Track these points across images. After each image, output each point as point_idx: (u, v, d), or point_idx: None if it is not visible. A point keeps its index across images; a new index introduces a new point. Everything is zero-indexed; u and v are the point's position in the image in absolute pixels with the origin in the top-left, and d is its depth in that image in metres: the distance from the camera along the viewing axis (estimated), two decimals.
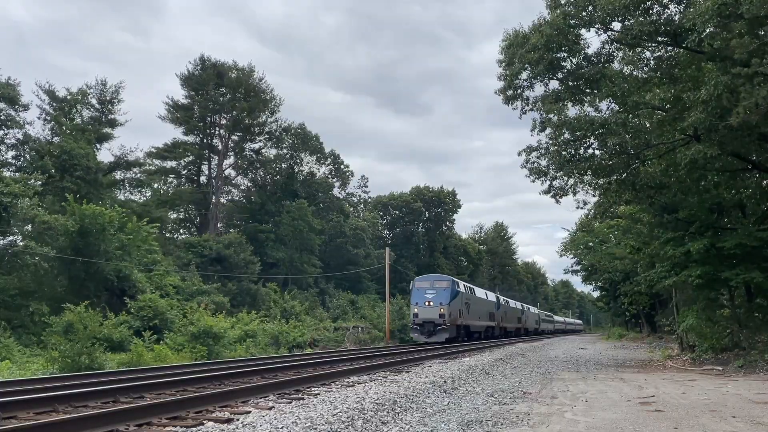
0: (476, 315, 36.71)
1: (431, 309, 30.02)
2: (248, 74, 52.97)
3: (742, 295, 19.78)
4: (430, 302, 30.25)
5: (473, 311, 35.52)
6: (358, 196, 73.29)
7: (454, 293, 31.27)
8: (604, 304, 64.18)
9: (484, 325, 39.70)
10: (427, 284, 31.61)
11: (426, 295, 30.78)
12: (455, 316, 30.95)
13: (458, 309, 31.63)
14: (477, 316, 36.91)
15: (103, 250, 28.15)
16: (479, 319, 37.75)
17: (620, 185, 17.87)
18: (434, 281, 31.92)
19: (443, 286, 31.23)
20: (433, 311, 29.95)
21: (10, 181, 25.44)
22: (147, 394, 9.22)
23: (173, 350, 20.62)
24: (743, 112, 12.75)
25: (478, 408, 8.64)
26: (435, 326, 29.54)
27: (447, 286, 31.15)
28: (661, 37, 15.71)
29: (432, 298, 30.39)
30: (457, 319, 31.18)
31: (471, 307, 34.78)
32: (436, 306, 30.06)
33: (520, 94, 17.48)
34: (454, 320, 30.55)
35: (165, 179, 53.22)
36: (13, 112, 33.35)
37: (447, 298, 30.42)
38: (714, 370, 15.66)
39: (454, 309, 30.76)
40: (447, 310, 29.77)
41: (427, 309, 30.10)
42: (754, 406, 8.82)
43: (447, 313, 29.68)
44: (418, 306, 30.59)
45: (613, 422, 7.44)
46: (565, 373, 15.42)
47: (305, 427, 6.58)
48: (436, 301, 30.21)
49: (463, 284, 35.50)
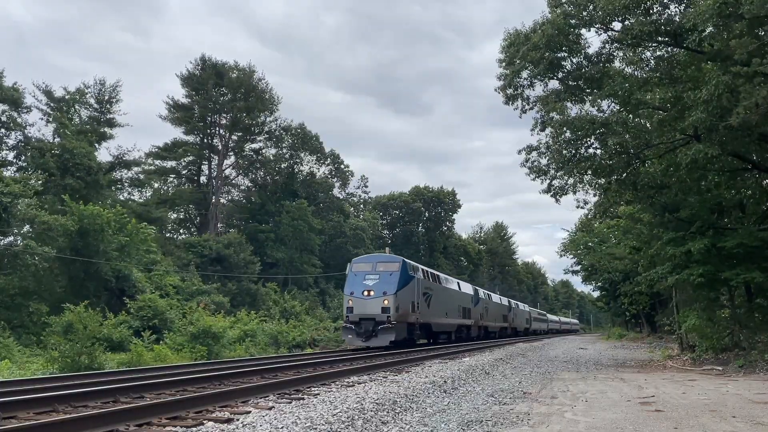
0: (442, 310, 28.98)
1: (371, 301, 22.59)
2: (249, 74, 53.02)
3: (742, 295, 19.78)
4: (370, 291, 22.82)
5: (437, 305, 27.96)
6: (358, 196, 73.40)
7: (405, 279, 23.68)
8: (604, 304, 64.16)
9: (455, 324, 31.79)
10: (367, 267, 24.19)
11: (365, 281, 23.28)
12: (406, 311, 23.49)
13: (412, 301, 24.11)
14: (443, 312, 29.24)
15: (102, 250, 28.17)
16: (447, 315, 29.91)
17: (620, 185, 17.87)
18: (377, 263, 24.28)
19: (390, 269, 23.69)
20: (373, 304, 22.50)
21: (10, 181, 25.48)
22: (147, 394, 9.21)
23: (173, 350, 20.62)
24: (743, 112, 12.75)
25: (478, 408, 8.63)
26: (376, 324, 22.08)
27: (395, 270, 23.54)
28: (661, 37, 15.71)
29: (373, 286, 22.92)
30: (409, 315, 23.75)
31: (434, 300, 27.25)
32: (378, 296, 22.55)
33: (520, 93, 17.50)
34: (404, 316, 23.21)
35: (165, 179, 53.28)
36: (15, 114, 33.53)
37: (394, 285, 22.83)
38: (714, 370, 15.65)
39: (404, 301, 23.33)
40: (394, 302, 22.33)
41: (366, 301, 22.71)
42: (754, 406, 8.81)
43: (394, 306, 22.26)
44: (353, 297, 23.10)
45: (613, 422, 7.44)
46: (565, 373, 15.42)
47: (305, 427, 6.58)
48: (378, 290, 22.73)
49: (423, 269, 27.67)
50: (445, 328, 30.29)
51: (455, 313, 31.73)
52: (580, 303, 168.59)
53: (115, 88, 41.72)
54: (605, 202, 19.11)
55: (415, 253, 71.68)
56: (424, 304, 25.67)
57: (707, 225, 17.45)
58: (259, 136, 56.20)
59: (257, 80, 53.67)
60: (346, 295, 23.66)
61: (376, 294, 22.71)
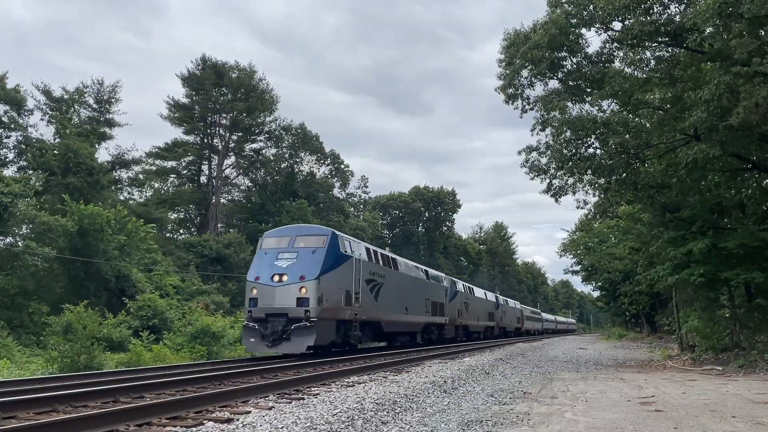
0: (399, 304, 22.48)
1: (283, 289, 16.37)
2: (249, 74, 53.03)
3: (742, 295, 19.79)
4: (282, 276, 16.53)
5: (391, 297, 21.56)
6: (358, 196, 73.44)
7: (335, 259, 17.41)
8: (604, 304, 64.19)
9: (420, 323, 25.42)
10: (282, 242, 17.74)
11: (277, 262, 16.94)
12: (337, 303, 17.19)
13: (347, 290, 17.86)
14: (401, 306, 22.78)
15: (102, 250, 28.18)
16: (407, 311, 23.43)
17: (620, 185, 17.89)
18: (297, 237, 17.75)
19: (313, 244, 17.27)
20: (285, 293, 16.32)
21: (11, 181, 25.50)
22: (147, 394, 9.21)
23: (172, 350, 20.62)
24: (743, 112, 12.75)
25: (478, 408, 8.63)
26: (289, 323, 16.00)
27: (320, 245, 17.16)
28: (661, 37, 15.71)
29: (287, 269, 16.63)
30: (339, 309, 17.45)
31: (385, 290, 20.93)
32: (293, 282, 16.34)
33: (520, 93, 17.51)
34: (333, 311, 17.04)
35: (165, 179, 53.31)
36: (16, 115, 33.63)
37: (317, 266, 16.53)
38: (714, 370, 15.65)
39: (333, 289, 17.07)
40: (315, 291, 16.15)
41: (275, 290, 16.43)
42: (754, 406, 8.81)
43: (315, 296, 16.12)
44: (259, 284, 16.76)
45: (613, 422, 7.44)
46: (565, 373, 15.42)
47: (305, 427, 6.58)
48: (294, 273, 16.46)
49: (369, 247, 21.10)
50: (404, 328, 23.72)
51: (420, 308, 25.24)
52: (580, 303, 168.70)
53: (113, 88, 41.83)
54: (605, 202, 19.12)
55: (415, 253, 71.73)
56: (368, 295, 19.53)
57: (707, 225, 17.47)
58: (259, 136, 56.30)
59: (258, 80, 53.78)
60: (249, 282, 17.00)
61: (290, 279, 16.32)
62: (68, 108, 38.48)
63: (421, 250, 75.01)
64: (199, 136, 53.56)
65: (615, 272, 42.89)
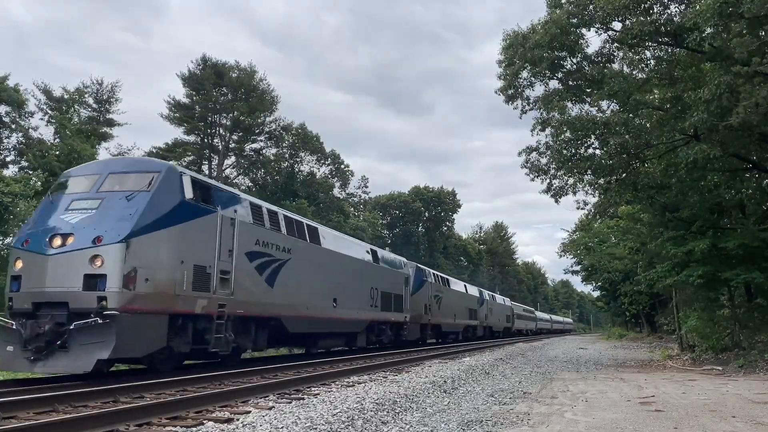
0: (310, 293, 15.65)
1: (61, 260, 9.48)
2: (249, 74, 53.03)
3: (742, 295, 19.80)
4: (67, 238, 9.62)
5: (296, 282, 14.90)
6: (359, 196, 73.43)
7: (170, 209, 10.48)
8: (604, 304, 64.24)
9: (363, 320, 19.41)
10: (83, 184, 10.69)
11: (64, 216, 10.05)
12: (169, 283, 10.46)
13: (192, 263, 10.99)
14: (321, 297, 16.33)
15: None
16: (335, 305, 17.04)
17: (620, 185, 17.90)
18: (108, 175, 10.63)
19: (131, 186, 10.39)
20: (67, 267, 9.47)
21: (11, 181, 25.50)
22: (147, 394, 9.21)
23: None
24: (743, 112, 12.75)
25: (478, 408, 8.63)
26: (71, 318, 9.33)
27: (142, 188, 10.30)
28: (661, 37, 15.71)
29: (77, 225, 9.79)
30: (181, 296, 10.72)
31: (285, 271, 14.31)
32: (83, 246, 9.50)
33: (520, 93, 17.52)
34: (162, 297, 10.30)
35: None
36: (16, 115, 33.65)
37: (128, 220, 9.77)
38: (714, 370, 15.66)
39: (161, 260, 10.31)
40: (122, 261, 9.43)
41: (48, 260, 9.52)
42: (754, 406, 8.82)
43: (119, 272, 9.41)
44: (26, 251, 9.90)
45: (613, 422, 7.44)
46: (565, 373, 15.42)
47: (305, 427, 6.58)
48: (85, 234, 9.60)
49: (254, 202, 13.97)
50: (330, 327, 17.11)
51: (361, 300, 19.24)
52: (580, 303, 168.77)
53: (113, 87, 41.85)
54: (605, 202, 19.13)
55: (415, 253, 71.73)
56: (254, 277, 13.11)
57: (707, 225, 17.48)
58: (259, 136, 56.28)
59: (258, 80, 53.76)
60: (14, 249, 10.48)
61: (77, 242, 9.62)
62: (68, 108, 38.49)
63: (421, 250, 75.02)
64: (200, 136, 53.58)
65: (615, 272, 42.93)
